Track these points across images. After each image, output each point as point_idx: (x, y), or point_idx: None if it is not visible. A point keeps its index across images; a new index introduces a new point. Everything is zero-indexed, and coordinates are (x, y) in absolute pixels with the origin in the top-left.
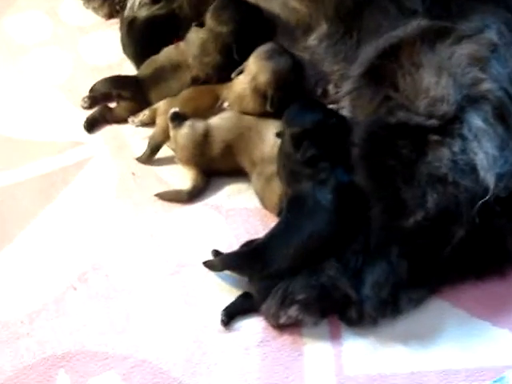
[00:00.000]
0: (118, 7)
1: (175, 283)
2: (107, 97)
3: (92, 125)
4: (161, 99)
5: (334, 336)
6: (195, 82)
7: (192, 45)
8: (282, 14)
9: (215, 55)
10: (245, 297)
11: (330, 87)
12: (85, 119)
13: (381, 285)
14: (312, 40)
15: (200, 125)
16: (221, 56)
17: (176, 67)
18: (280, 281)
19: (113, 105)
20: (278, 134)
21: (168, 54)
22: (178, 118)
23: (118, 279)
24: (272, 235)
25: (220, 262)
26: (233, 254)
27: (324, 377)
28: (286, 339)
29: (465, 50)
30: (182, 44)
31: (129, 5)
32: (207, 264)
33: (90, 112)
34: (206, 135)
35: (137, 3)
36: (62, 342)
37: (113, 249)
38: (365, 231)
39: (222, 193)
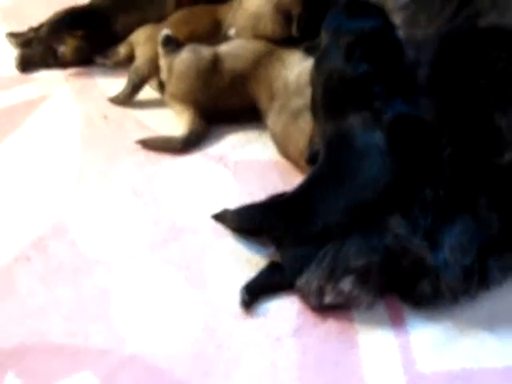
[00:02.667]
0: None
1: (170, 253)
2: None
3: (27, 64)
4: (132, 33)
5: (396, 321)
6: (179, 4)
7: None
8: None
9: None
10: (272, 269)
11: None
12: (17, 55)
13: (464, 247)
14: None
15: (205, 49)
16: None
17: None
18: (326, 243)
19: None
20: (310, 48)
21: None
22: (171, 42)
23: (90, 247)
24: (311, 183)
25: (236, 216)
26: (255, 206)
27: (389, 375)
28: (331, 326)
29: None
30: None
31: None
32: (218, 217)
33: None
34: (214, 62)
35: None
36: (12, 332)
37: (81, 207)
38: (435, 178)
39: (226, 142)
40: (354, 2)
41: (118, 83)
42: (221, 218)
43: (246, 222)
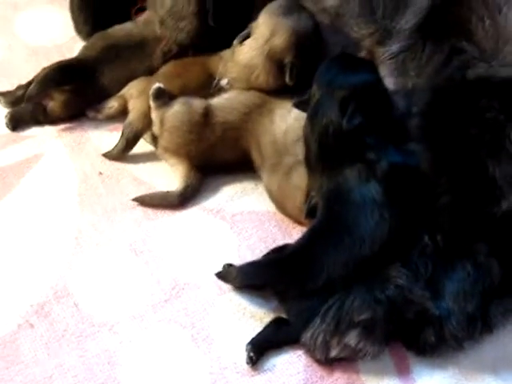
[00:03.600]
0: None
1: (174, 311)
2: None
3: (17, 122)
4: (120, 86)
5: (402, 370)
6: (165, 56)
7: (160, 6)
8: None
9: (191, 18)
10: (277, 324)
11: (362, 54)
12: (7, 114)
13: (466, 294)
14: (330, 0)
15: (197, 102)
16: (198, 19)
17: (140, 44)
18: (329, 297)
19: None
20: (300, 103)
21: (126, 29)
22: (163, 95)
23: (94, 310)
24: (312, 238)
25: (239, 274)
26: (258, 262)
27: None
28: (338, 378)
29: None
30: (142, 17)
31: None
32: (221, 275)
33: None
34: (206, 115)
35: None
36: None
37: (82, 270)
38: (432, 226)
39: (223, 194)
40: (345, 56)
41: (111, 137)
42: (224, 276)
43: (250, 279)
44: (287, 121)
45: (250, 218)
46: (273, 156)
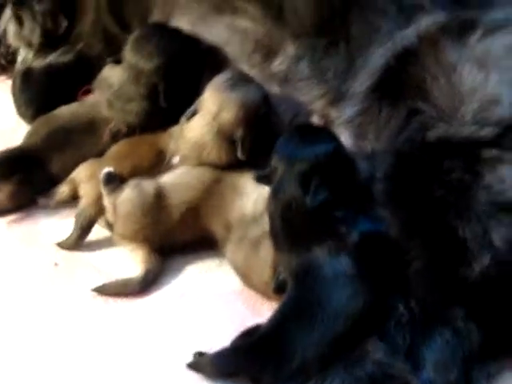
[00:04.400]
0: (3, 61)
1: None
2: None
3: None
4: (71, 170)
5: None
6: (114, 137)
7: (107, 88)
8: (232, 38)
9: (140, 100)
10: None
11: (314, 119)
12: None
13: (447, 363)
14: (278, 65)
15: (148, 184)
16: (147, 100)
17: (87, 126)
18: (307, 379)
19: None
20: (261, 177)
21: (72, 110)
22: (114, 180)
23: None
24: (283, 318)
25: (211, 363)
26: (229, 350)
27: None
28: None
29: (503, 40)
30: (89, 98)
31: (20, 58)
32: (194, 366)
33: None
34: (160, 196)
35: (30, 55)
36: None
37: (43, 368)
38: (405, 295)
39: (185, 275)
40: (304, 127)
41: (64, 225)
42: (196, 366)
43: (223, 368)
44: (256, 191)
45: (216, 299)
46: (239, 228)
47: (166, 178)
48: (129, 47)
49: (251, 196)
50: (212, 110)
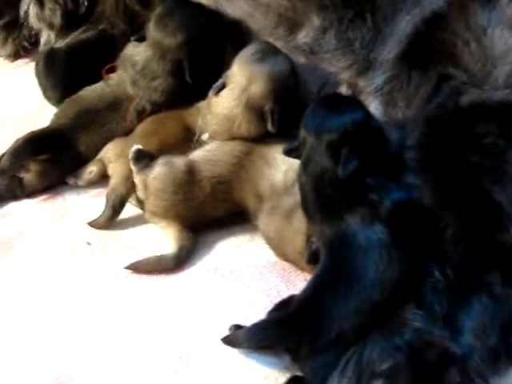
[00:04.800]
0: (26, 43)
1: (184, 383)
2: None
3: None
4: (97, 150)
5: None
6: (140, 115)
7: (131, 66)
8: (254, 12)
9: (165, 77)
10: (293, 382)
11: (343, 89)
12: None
13: (486, 328)
14: (303, 37)
15: (179, 160)
16: (173, 77)
17: (113, 105)
18: (345, 349)
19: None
20: (290, 151)
21: (97, 90)
22: (144, 157)
23: None
24: (318, 288)
25: (247, 337)
26: (264, 322)
27: None
28: None
29: None
30: (113, 76)
31: (43, 40)
32: (228, 340)
33: None
34: (191, 172)
35: (52, 37)
36: None
37: (84, 350)
38: (440, 262)
39: (218, 250)
40: (330, 97)
41: (95, 203)
42: (231, 340)
43: (259, 342)
44: (287, 161)
45: (250, 272)
46: (272, 198)
47: (197, 154)
48: (152, 24)
49: (281, 167)
50: (241, 83)
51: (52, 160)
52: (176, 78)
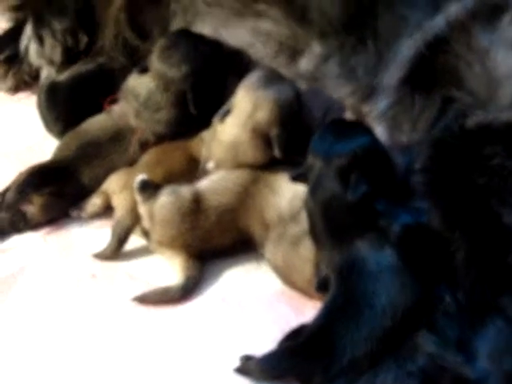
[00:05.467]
0: (26, 77)
1: None
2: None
3: None
4: (101, 181)
5: None
6: (143, 147)
7: (134, 98)
8: (255, 41)
9: (169, 108)
10: None
11: (348, 114)
12: None
13: (501, 352)
14: (305, 65)
15: (185, 189)
16: (176, 109)
17: (116, 137)
18: (357, 377)
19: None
20: (297, 176)
21: (100, 122)
22: (149, 188)
23: None
24: (329, 316)
25: (259, 367)
26: (276, 352)
27: None
28: None
29: None
30: (115, 108)
31: (44, 73)
32: (241, 370)
33: None
34: (197, 201)
35: (53, 73)
36: None
37: (91, 381)
38: (451, 285)
39: (225, 279)
40: (337, 122)
41: (99, 235)
42: (243, 370)
43: (271, 371)
44: (292, 189)
45: (258, 302)
46: (278, 227)
47: (203, 183)
48: (156, 56)
49: (286, 194)
50: (246, 110)
51: (56, 193)
52: (180, 109)
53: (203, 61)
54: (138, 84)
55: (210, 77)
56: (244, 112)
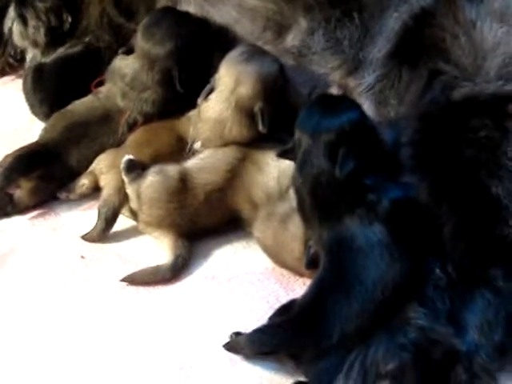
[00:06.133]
0: (11, 60)
1: None
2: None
3: None
4: (89, 163)
5: None
6: (132, 127)
7: (120, 79)
8: (241, 17)
9: (155, 87)
10: None
11: (334, 89)
12: None
13: (491, 324)
14: (291, 40)
15: (172, 168)
16: (162, 87)
17: (103, 118)
18: (348, 351)
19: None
20: (284, 153)
21: (87, 104)
22: (135, 167)
23: None
24: (319, 292)
25: (248, 343)
26: (266, 328)
27: None
28: None
29: None
30: (102, 89)
31: (29, 56)
32: (230, 346)
33: None
34: (184, 180)
35: (38, 54)
36: None
37: (82, 363)
38: (440, 259)
39: (214, 258)
40: (325, 97)
41: (87, 217)
42: (233, 346)
43: (260, 347)
44: (279, 167)
45: (248, 279)
46: (266, 205)
47: (190, 162)
48: (140, 35)
49: (273, 173)
50: (229, 85)
51: (44, 177)
52: (166, 87)
53: (187, 37)
54: (124, 65)
55: (195, 54)
56: (227, 88)
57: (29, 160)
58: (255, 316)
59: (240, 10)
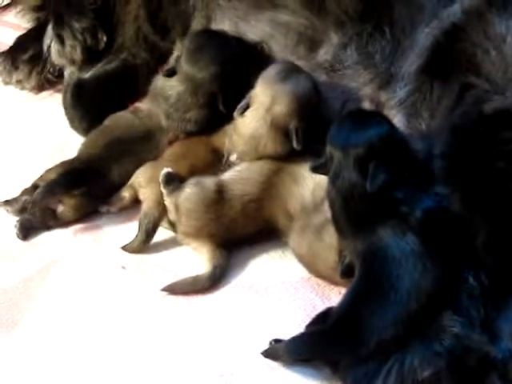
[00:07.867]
0: (50, 76)
1: None
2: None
3: (27, 230)
4: (129, 177)
5: None
6: (172, 143)
7: (163, 100)
8: (274, 33)
9: (198, 109)
10: None
11: (365, 103)
12: (16, 223)
13: None
14: (324, 54)
15: (209, 180)
16: (206, 108)
17: (145, 136)
18: (385, 359)
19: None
20: (317, 168)
21: (127, 121)
22: (174, 180)
23: None
24: (355, 301)
25: (287, 350)
26: (304, 336)
27: None
28: None
29: None
30: (141, 105)
31: (67, 72)
32: (268, 354)
33: None
34: (221, 191)
35: (75, 71)
36: None
37: (126, 373)
38: (474, 268)
39: (251, 268)
40: (354, 112)
41: (127, 228)
42: (271, 354)
43: (299, 354)
44: (314, 179)
45: (285, 288)
46: (302, 217)
47: (227, 174)
48: (184, 59)
49: (309, 185)
50: (265, 103)
51: (86, 194)
52: (209, 108)
53: (231, 61)
54: (168, 87)
55: (237, 75)
56: (262, 105)
57: (72, 177)
58: (292, 324)
59: (273, 25)
